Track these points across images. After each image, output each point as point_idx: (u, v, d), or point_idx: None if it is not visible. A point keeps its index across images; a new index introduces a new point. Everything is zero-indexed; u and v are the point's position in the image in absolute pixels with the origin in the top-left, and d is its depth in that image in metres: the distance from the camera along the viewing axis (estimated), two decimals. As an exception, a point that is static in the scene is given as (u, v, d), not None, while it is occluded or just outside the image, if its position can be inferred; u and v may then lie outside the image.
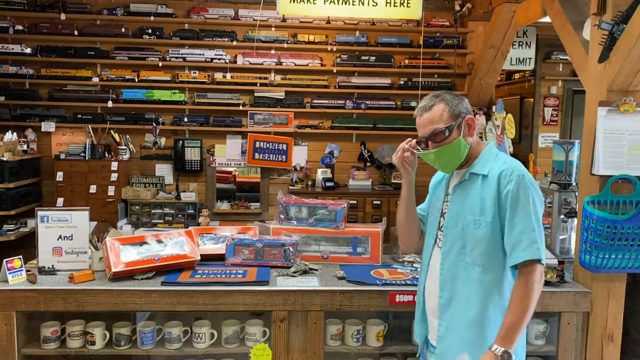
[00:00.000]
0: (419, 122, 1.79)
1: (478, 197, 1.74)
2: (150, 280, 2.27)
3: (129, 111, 5.28)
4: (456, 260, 1.77)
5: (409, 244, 2.04)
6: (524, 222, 1.67)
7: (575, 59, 2.56)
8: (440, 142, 1.74)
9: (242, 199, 5.58)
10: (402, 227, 2.00)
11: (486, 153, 1.82)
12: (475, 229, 1.72)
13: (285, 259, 2.54)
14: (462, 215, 1.76)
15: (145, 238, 2.47)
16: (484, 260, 1.73)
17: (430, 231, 1.90)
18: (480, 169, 1.77)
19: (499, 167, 1.73)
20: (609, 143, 2.26)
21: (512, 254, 1.68)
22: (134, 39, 5.20)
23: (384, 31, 5.45)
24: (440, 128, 1.73)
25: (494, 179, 1.72)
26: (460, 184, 1.81)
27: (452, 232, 1.78)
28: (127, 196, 5.11)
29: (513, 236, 1.68)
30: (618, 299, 2.40)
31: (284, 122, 5.42)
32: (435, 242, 1.86)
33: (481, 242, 1.72)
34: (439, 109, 1.74)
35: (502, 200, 1.69)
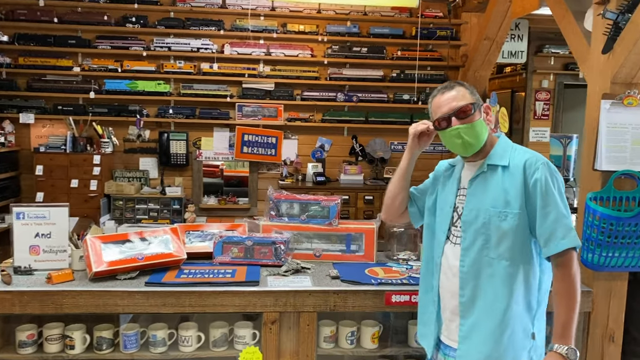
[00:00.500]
0: (439, 101, 1.74)
1: (500, 189, 1.69)
2: (134, 281, 2.19)
3: (112, 102, 5.16)
4: (479, 256, 1.71)
5: (390, 215, 2.03)
6: (556, 210, 1.64)
7: (576, 50, 2.51)
8: (465, 118, 1.70)
9: (229, 194, 5.49)
10: (391, 197, 1.99)
11: (501, 144, 1.78)
12: (500, 221, 1.67)
13: (276, 258, 2.47)
14: (483, 209, 1.71)
15: (128, 236, 2.38)
16: (512, 254, 1.68)
17: (440, 227, 1.84)
18: (498, 159, 1.73)
19: (521, 157, 1.70)
20: (612, 137, 2.21)
21: (549, 244, 1.63)
22: (116, 27, 5.07)
23: (376, 21, 5.38)
24: (466, 103, 1.70)
25: (518, 169, 1.68)
26: (477, 177, 1.76)
27: (472, 227, 1.72)
28: (110, 191, 5.00)
29: (547, 225, 1.63)
30: (619, 298, 2.37)
31: (273, 114, 5.33)
32: (448, 239, 1.81)
33: (507, 235, 1.67)
34: (461, 90, 1.73)
35: (530, 189, 1.66)
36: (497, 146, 1.77)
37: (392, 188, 1.99)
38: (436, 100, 1.76)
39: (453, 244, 1.79)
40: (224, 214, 5.36)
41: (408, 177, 1.96)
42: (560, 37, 5.82)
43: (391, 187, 1.99)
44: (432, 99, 1.78)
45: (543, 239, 1.64)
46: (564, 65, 6.04)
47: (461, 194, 1.80)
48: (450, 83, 1.77)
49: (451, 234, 1.80)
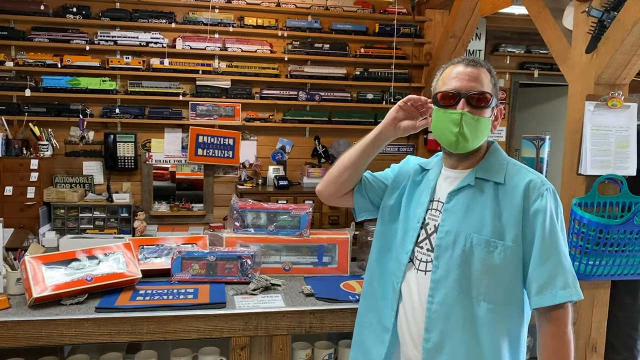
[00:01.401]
0: (457, 72, 1.41)
1: (491, 211, 1.39)
2: (82, 306, 1.99)
3: (51, 101, 4.84)
4: (453, 293, 1.39)
5: (330, 190, 1.68)
6: (558, 252, 1.35)
7: (555, 49, 2.48)
8: (477, 108, 1.40)
9: (183, 199, 5.26)
10: (338, 169, 1.63)
11: (495, 154, 1.49)
12: (486, 253, 1.37)
13: (243, 274, 2.32)
14: (463, 233, 1.40)
15: (74, 254, 2.17)
16: (496, 295, 1.37)
17: (402, 245, 1.52)
18: (491, 173, 1.43)
19: (522, 176, 1.41)
20: (596, 140, 2.19)
21: (544, 292, 1.32)
22: (55, 18, 4.75)
23: (339, 17, 5.29)
24: (488, 91, 1.41)
25: (516, 191, 1.39)
26: (460, 190, 1.44)
27: (447, 255, 1.41)
28: (50, 198, 4.68)
29: (546, 269, 1.33)
30: (602, 306, 2.37)
31: (230, 114, 5.14)
32: (412, 262, 1.49)
33: (495, 271, 1.36)
34: (487, 76, 1.43)
35: (530, 219, 1.36)
36: (489, 156, 1.48)
37: (344, 160, 1.62)
38: (453, 69, 1.43)
39: (418, 270, 1.47)
40: (177, 221, 5.14)
41: (366, 158, 1.59)
42: (517, 37, 5.88)
43: (342, 159, 1.63)
44: (447, 66, 1.46)
45: (537, 284, 1.34)
46: (519, 64, 6.15)
47: (434, 208, 1.49)
48: (478, 59, 1.45)
49: (415, 256, 1.49)
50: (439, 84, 1.46)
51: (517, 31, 5.95)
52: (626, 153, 2.20)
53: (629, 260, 2.11)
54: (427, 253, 1.46)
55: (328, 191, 1.69)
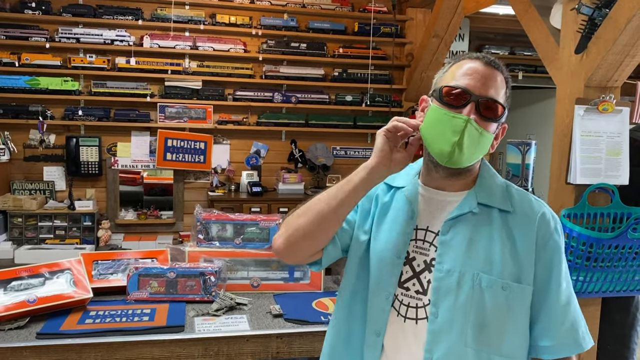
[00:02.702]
0: (476, 69, 1.17)
1: (501, 246, 1.18)
2: (22, 331, 1.84)
3: (8, 102, 4.62)
4: (458, 347, 1.16)
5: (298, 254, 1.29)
6: (572, 294, 1.23)
7: (542, 49, 2.39)
8: (486, 120, 1.16)
9: (151, 206, 5.08)
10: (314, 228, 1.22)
11: (488, 173, 1.27)
12: (497, 297, 1.16)
13: (205, 292, 2.18)
14: (469, 273, 1.16)
15: (16, 273, 2.02)
16: (506, 347, 1.17)
17: (379, 286, 1.24)
18: (494, 199, 1.21)
19: (531, 204, 1.22)
20: (586, 147, 2.10)
21: (563, 342, 1.19)
22: (12, 13, 4.54)
23: (316, 15, 5.17)
24: (501, 102, 1.18)
25: (529, 222, 1.19)
26: (459, 217, 1.20)
27: (450, 299, 1.17)
28: (6, 206, 4.46)
29: (568, 317, 1.20)
30: (592, 324, 2.25)
31: (202, 116, 4.98)
32: (394, 307, 1.23)
33: (506, 318, 1.17)
34: (504, 85, 1.20)
35: (544, 257, 1.19)
36: (484, 177, 1.25)
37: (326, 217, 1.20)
38: (468, 63, 1.19)
39: (405, 318, 1.21)
40: (144, 230, 4.95)
41: (351, 206, 1.22)
42: (501, 38, 5.82)
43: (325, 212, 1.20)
44: (462, 58, 1.21)
45: (554, 332, 1.19)
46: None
47: (420, 239, 1.23)
48: (498, 62, 1.20)
49: (398, 300, 1.22)
50: (447, 77, 1.20)
51: (501, 32, 5.92)
52: (618, 160, 2.11)
53: (622, 276, 2.01)
54: (416, 296, 1.21)
55: (297, 255, 1.30)
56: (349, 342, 1.30)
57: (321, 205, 1.20)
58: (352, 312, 1.29)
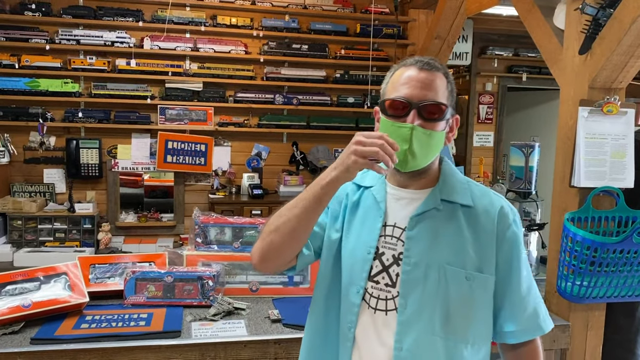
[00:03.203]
0: (412, 77, 1.23)
1: (463, 239, 1.26)
2: (17, 336, 1.82)
3: (8, 104, 4.62)
4: (426, 336, 1.23)
5: (276, 263, 1.35)
6: (533, 281, 1.33)
7: (546, 50, 2.36)
8: (430, 121, 1.22)
9: (151, 208, 5.06)
10: (287, 237, 1.26)
11: (452, 172, 1.34)
12: (462, 287, 1.24)
13: (203, 296, 2.15)
14: (435, 265, 1.24)
15: (11, 277, 2.00)
16: (471, 334, 1.26)
17: (351, 281, 1.30)
18: (455, 195, 1.29)
19: (490, 199, 1.30)
20: (590, 149, 2.06)
21: (526, 326, 1.30)
22: (13, 15, 4.54)
23: (317, 16, 5.16)
24: (443, 102, 1.24)
25: (489, 216, 1.27)
26: (424, 213, 1.27)
27: (418, 291, 1.24)
28: (5, 209, 4.46)
29: (529, 302, 1.31)
30: (597, 330, 2.24)
31: (202, 118, 4.97)
32: (365, 300, 1.29)
33: (470, 307, 1.25)
34: (443, 82, 1.26)
35: (504, 248, 1.28)
36: (447, 174, 1.32)
37: (293, 224, 1.24)
38: (404, 72, 1.25)
39: (375, 309, 1.27)
40: (145, 232, 4.94)
41: (319, 214, 1.27)
42: (504, 39, 5.78)
43: (290, 222, 1.24)
44: (398, 67, 1.28)
45: (517, 318, 1.30)
46: (507, 67, 6.13)
47: (389, 235, 1.30)
48: (434, 61, 1.26)
49: (368, 294, 1.28)
50: (388, 89, 1.28)
51: (505, 33, 5.90)
52: (623, 163, 2.08)
53: (627, 281, 1.98)
54: (385, 289, 1.27)
55: (275, 264, 1.35)
56: (326, 337, 1.36)
57: (291, 223, 1.24)
58: (328, 307, 1.35)
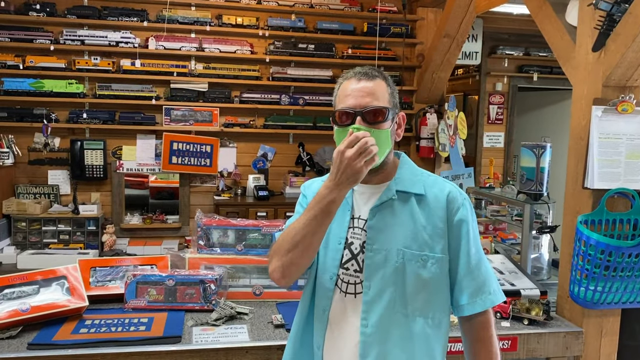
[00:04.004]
0: (351, 88, 1.38)
1: (416, 224, 1.40)
2: (14, 341, 1.80)
3: (13, 105, 4.61)
4: (389, 312, 1.38)
5: (293, 277, 1.44)
6: (484, 258, 1.46)
7: (558, 47, 2.30)
8: (375, 123, 1.37)
9: (157, 210, 5.04)
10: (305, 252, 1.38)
11: (408, 166, 1.50)
12: (419, 267, 1.38)
13: (205, 301, 2.12)
14: (393, 249, 1.39)
15: (9, 281, 1.98)
16: (431, 309, 1.41)
17: (325, 269, 1.45)
18: (410, 185, 1.44)
19: (440, 187, 1.45)
20: (604, 150, 2.01)
21: (477, 298, 1.42)
22: (17, 15, 4.53)
23: (324, 15, 5.12)
24: (382, 106, 1.38)
25: (438, 202, 1.42)
26: (382, 205, 1.42)
27: (379, 274, 1.39)
28: (10, 210, 4.45)
29: (478, 275, 1.43)
30: (612, 336, 2.18)
31: (208, 119, 4.94)
32: (337, 286, 1.44)
33: (428, 284, 1.39)
34: (382, 86, 1.41)
35: (454, 229, 1.42)
36: (403, 168, 1.48)
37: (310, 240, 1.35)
38: (347, 85, 1.40)
39: (346, 293, 1.43)
40: (150, 234, 4.91)
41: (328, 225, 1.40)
42: (515, 38, 5.70)
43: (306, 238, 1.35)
44: (342, 81, 1.44)
45: (469, 291, 1.42)
46: (517, 67, 6.07)
47: (355, 226, 1.45)
48: (371, 70, 1.42)
49: (340, 279, 1.44)
50: (337, 102, 1.44)
51: (516, 33, 5.84)
52: (638, 164, 2.02)
53: (643, 285, 1.92)
54: (354, 274, 1.43)
55: (293, 278, 1.45)
56: (307, 322, 1.50)
57: (308, 239, 1.35)
58: (309, 295, 1.50)
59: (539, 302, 2.13)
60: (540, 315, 2.07)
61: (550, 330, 2.05)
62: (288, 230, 1.39)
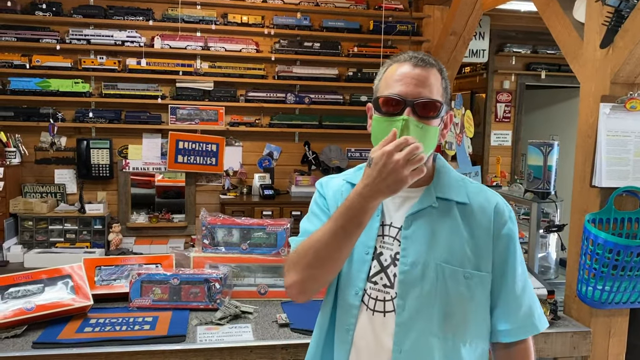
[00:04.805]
0: (405, 74, 1.21)
1: (460, 237, 1.24)
2: (19, 340, 1.79)
3: (19, 104, 4.65)
4: (424, 337, 1.21)
5: (311, 294, 1.29)
6: (529, 281, 1.31)
7: (565, 44, 2.28)
8: (426, 118, 1.19)
9: (163, 209, 5.06)
10: (332, 272, 1.25)
11: (447, 169, 1.33)
12: (459, 286, 1.22)
13: (210, 300, 2.11)
14: (432, 264, 1.22)
15: (14, 279, 1.98)
16: (468, 335, 1.24)
17: (349, 283, 1.28)
18: (451, 192, 1.27)
19: (485, 196, 1.29)
20: (612, 148, 1.99)
21: (520, 324, 1.27)
22: (23, 15, 4.56)
23: (330, 13, 5.12)
24: (438, 99, 1.21)
25: (484, 213, 1.26)
26: (419, 212, 1.25)
27: (416, 291, 1.21)
28: (16, 210, 4.47)
29: (524, 300, 1.28)
30: (620, 336, 2.15)
31: (213, 118, 4.95)
32: (364, 302, 1.26)
33: (468, 306, 1.23)
34: (437, 78, 1.23)
35: (500, 245, 1.26)
36: (441, 172, 1.31)
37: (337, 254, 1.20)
38: (398, 69, 1.23)
39: (374, 311, 1.25)
40: (156, 233, 4.94)
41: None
42: (522, 36, 5.67)
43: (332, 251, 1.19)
44: (392, 63, 1.26)
45: (511, 316, 1.27)
46: (525, 65, 6.04)
47: (386, 234, 1.28)
48: (428, 57, 1.24)
49: (367, 295, 1.26)
50: (381, 86, 1.26)
51: (523, 30, 5.81)
52: (646, 162, 2.00)
53: (652, 285, 1.90)
54: (383, 290, 1.25)
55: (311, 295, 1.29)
56: (327, 339, 1.33)
57: (335, 253, 1.19)
58: (330, 309, 1.32)
59: (546, 301, 2.11)
60: (548, 315, 2.05)
61: (558, 330, 2.03)
62: (310, 241, 1.22)
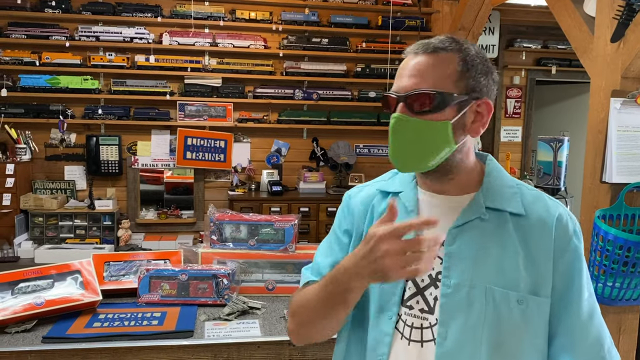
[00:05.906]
0: (408, 64, 1.06)
1: (514, 255, 1.05)
2: (29, 334, 1.81)
3: (29, 101, 4.67)
4: None
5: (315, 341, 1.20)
6: (596, 305, 1.09)
7: (575, 39, 2.26)
8: (422, 113, 1.03)
9: (172, 205, 5.08)
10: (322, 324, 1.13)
11: (496, 171, 1.14)
12: (512, 312, 1.03)
13: (218, 295, 2.12)
14: (480, 287, 1.03)
15: (23, 275, 1.99)
16: None
17: (379, 305, 1.11)
18: (503, 201, 1.08)
19: (545, 205, 1.09)
20: (623, 143, 1.97)
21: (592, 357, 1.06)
22: (33, 12, 4.58)
23: (338, 9, 5.10)
24: (429, 90, 1.02)
25: (544, 227, 1.06)
26: (466, 225, 1.07)
27: (461, 318, 1.03)
28: (27, 206, 4.51)
29: (590, 328, 1.06)
30: (630, 333, 2.14)
31: (222, 114, 4.95)
32: (397, 329, 1.09)
33: (522, 336, 1.04)
34: (447, 61, 1.04)
35: (563, 266, 1.06)
36: (491, 176, 1.12)
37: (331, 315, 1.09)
38: (404, 62, 1.08)
39: (409, 340, 1.07)
40: (165, 229, 4.95)
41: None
42: (533, 31, 5.64)
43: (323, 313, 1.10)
44: (404, 56, 1.12)
45: (576, 349, 1.05)
46: (535, 60, 5.98)
47: None
48: (440, 41, 1.06)
49: (402, 321, 1.09)
50: None
51: (533, 25, 5.75)
52: (658, 157, 1.98)
53: (663, 282, 1.88)
54: (420, 315, 1.07)
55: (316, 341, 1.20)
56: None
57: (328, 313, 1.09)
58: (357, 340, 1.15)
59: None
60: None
61: (567, 327, 2.02)
62: (305, 296, 1.13)
